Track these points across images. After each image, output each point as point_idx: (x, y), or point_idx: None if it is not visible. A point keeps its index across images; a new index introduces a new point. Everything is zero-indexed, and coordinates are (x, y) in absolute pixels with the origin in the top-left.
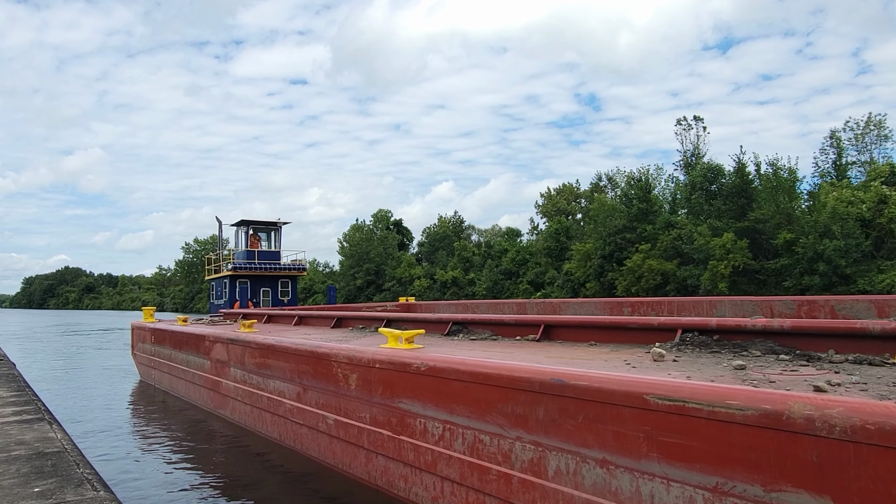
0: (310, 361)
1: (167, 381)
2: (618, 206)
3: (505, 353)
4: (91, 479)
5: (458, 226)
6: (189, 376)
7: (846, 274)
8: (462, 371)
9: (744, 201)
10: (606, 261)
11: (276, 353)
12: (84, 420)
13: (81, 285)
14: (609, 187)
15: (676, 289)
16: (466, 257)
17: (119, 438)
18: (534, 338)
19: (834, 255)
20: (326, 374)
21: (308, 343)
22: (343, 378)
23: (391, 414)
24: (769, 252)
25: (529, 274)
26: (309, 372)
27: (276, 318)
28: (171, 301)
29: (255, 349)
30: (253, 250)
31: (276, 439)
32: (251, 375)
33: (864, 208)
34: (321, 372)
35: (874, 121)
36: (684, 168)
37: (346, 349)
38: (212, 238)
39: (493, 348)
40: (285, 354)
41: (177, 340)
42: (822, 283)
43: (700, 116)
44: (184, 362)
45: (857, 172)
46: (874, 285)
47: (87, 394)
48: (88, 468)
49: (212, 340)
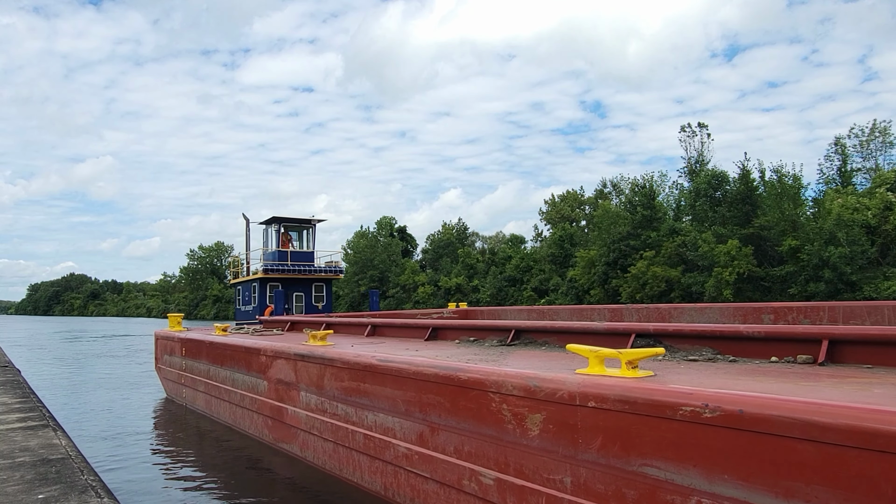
0: (446, 391)
1: (202, 401)
2: (622, 212)
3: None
4: (95, 487)
5: (462, 232)
6: (236, 398)
7: (852, 281)
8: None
9: (748, 208)
10: (611, 267)
11: (383, 376)
12: (103, 441)
13: (86, 292)
14: (613, 194)
15: (681, 296)
16: (470, 264)
17: (147, 468)
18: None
19: (839, 262)
20: (477, 409)
21: (440, 364)
22: (512, 418)
23: (626, 482)
24: (774, 259)
25: (533, 281)
26: (443, 405)
27: (339, 328)
28: (175, 308)
29: (342, 369)
30: (285, 251)
31: (378, 493)
32: (335, 404)
33: (869, 215)
34: (467, 406)
35: (879, 127)
36: (688, 175)
37: (518, 376)
38: (216, 245)
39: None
40: (399, 379)
41: (218, 354)
42: (827, 290)
43: (704, 123)
44: (227, 381)
45: (863, 179)
46: (880, 292)
47: (107, 413)
48: (93, 475)
49: (271, 356)
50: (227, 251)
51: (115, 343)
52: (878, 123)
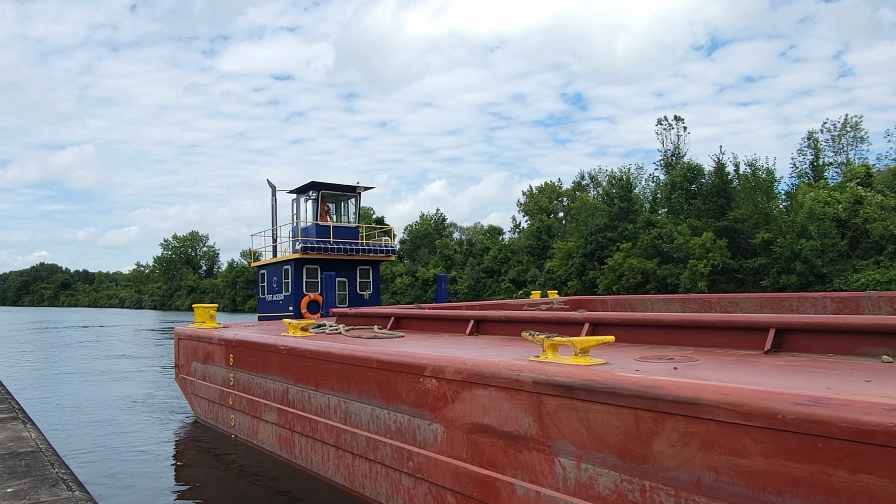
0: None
1: (272, 435)
2: (599, 204)
3: None
4: (66, 480)
5: (440, 223)
6: (355, 444)
7: (822, 273)
8: None
9: (723, 201)
10: (588, 259)
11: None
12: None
13: (57, 282)
14: (591, 186)
15: (656, 287)
16: (448, 255)
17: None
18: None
19: (810, 254)
20: None
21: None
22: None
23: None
24: (747, 251)
25: (511, 272)
26: None
27: (486, 325)
28: (149, 298)
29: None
30: (325, 225)
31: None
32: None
33: (840, 209)
34: None
35: (851, 123)
36: (665, 168)
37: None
38: (190, 234)
39: None
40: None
41: (309, 368)
42: (798, 283)
43: (681, 116)
44: (335, 413)
45: (834, 173)
46: (850, 284)
47: (116, 445)
48: (63, 468)
49: (464, 380)
50: (202, 241)
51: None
52: (849, 118)
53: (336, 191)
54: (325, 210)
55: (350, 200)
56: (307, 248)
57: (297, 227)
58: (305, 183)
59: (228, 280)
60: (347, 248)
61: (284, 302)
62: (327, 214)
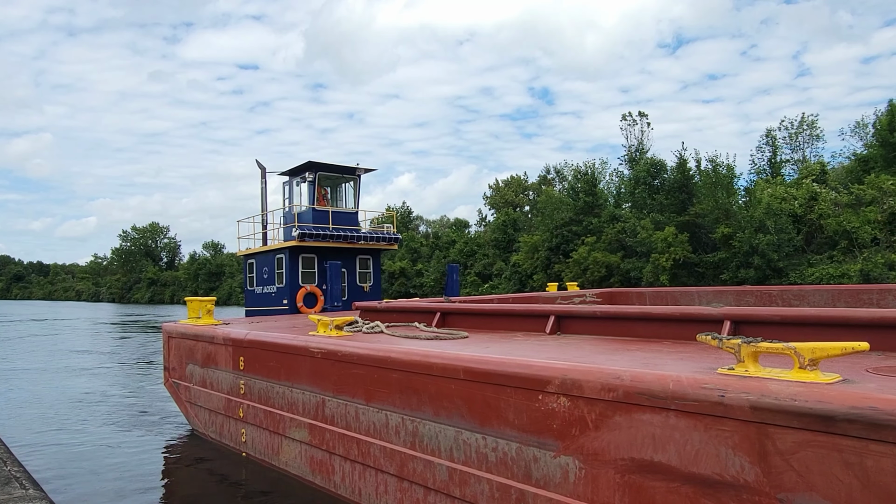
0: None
1: (299, 455)
2: (565, 198)
3: None
4: (20, 478)
5: (405, 216)
6: (435, 479)
7: (779, 267)
8: None
9: (685, 196)
10: (553, 253)
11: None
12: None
13: (9, 274)
14: (557, 180)
15: (620, 281)
16: (414, 248)
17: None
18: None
19: (767, 249)
20: None
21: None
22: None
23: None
24: (708, 246)
25: (477, 266)
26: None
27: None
28: (107, 291)
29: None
30: (324, 209)
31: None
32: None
33: (796, 205)
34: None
35: (807, 121)
36: (629, 163)
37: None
38: (151, 225)
39: None
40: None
41: (355, 378)
42: (756, 276)
43: (645, 112)
44: (404, 435)
45: (791, 170)
46: (804, 278)
47: (98, 468)
48: (17, 466)
49: (619, 402)
50: (163, 232)
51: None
52: (806, 117)
53: (334, 172)
54: (322, 194)
55: (349, 183)
56: (304, 235)
57: (291, 212)
58: (300, 164)
59: (190, 272)
60: (347, 234)
61: (278, 294)
62: (324, 198)
